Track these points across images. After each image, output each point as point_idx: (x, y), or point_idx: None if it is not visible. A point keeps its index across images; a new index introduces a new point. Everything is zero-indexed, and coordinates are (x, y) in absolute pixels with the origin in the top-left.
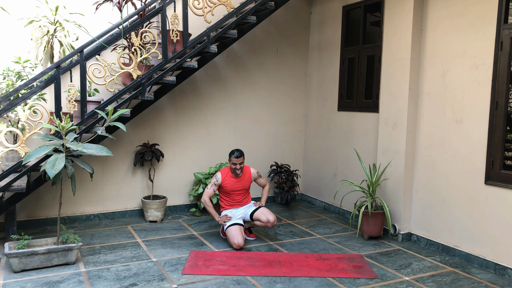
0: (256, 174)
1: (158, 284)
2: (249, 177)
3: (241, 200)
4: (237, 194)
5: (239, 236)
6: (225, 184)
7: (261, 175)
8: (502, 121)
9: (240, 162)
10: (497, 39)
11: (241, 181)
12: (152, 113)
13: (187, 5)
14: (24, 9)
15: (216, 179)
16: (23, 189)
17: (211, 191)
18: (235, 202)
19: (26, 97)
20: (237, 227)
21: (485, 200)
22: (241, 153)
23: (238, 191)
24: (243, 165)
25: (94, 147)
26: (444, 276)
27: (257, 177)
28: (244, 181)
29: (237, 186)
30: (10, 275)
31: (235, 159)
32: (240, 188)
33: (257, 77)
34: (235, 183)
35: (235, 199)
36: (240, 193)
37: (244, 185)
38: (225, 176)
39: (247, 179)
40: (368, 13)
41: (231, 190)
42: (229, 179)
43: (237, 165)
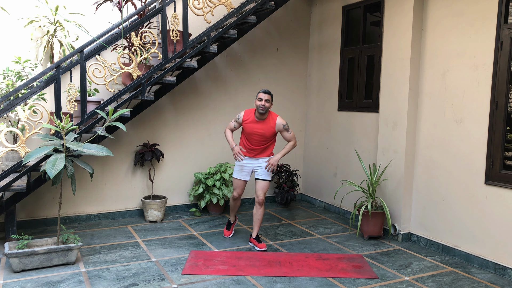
0: (282, 125)
1: (158, 284)
2: (273, 125)
3: (259, 150)
4: (256, 141)
5: (239, 189)
6: (245, 124)
7: (289, 129)
8: (502, 121)
9: (266, 99)
10: (497, 39)
11: (262, 126)
12: (152, 113)
13: (187, 5)
14: (24, 9)
15: (238, 116)
16: (23, 189)
17: (232, 125)
18: (252, 149)
19: (26, 97)
20: (242, 181)
21: (485, 200)
22: (270, 93)
23: (257, 136)
24: (269, 106)
25: (94, 147)
26: (444, 276)
27: (282, 129)
28: (266, 127)
29: (257, 130)
30: (10, 275)
31: (262, 94)
32: (259, 133)
33: (257, 77)
34: (255, 125)
35: (253, 146)
36: (259, 140)
37: (264, 131)
38: (248, 116)
39: (270, 126)
40: (368, 13)
41: (249, 132)
42: (250, 120)
43: (263, 101)
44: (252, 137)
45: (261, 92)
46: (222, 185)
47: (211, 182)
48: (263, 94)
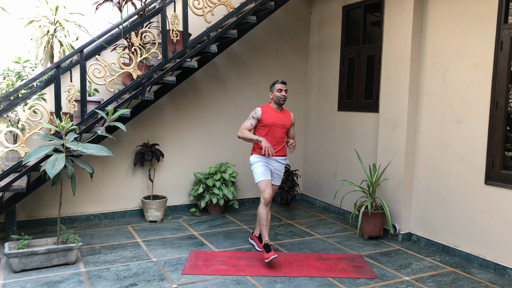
0: (294, 120)
1: (158, 284)
2: (289, 116)
3: (281, 146)
4: (278, 133)
5: (269, 189)
6: (265, 116)
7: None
8: (502, 121)
9: (285, 89)
10: (497, 39)
11: (283, 116)
12: (152, 113)
13: (187, 5)
14: (24, 9)
15: (255, 111)
16: (23, 189)
17: (248, 124)
18: (275, 140)
19: (26, 97)
20: (268, 181)
21: (485, 200)
22: (286, 83)
23: (279, 128)
24: (286, 96)
25: (94, 147)
26: (444, 276)
27: (293, 124)
28: (286, 117)
29: (279, 120)
30: (10, 275)
31: (280, 85)
32: (281, 123)
33: (257, 77)
34: (276, 115)
35: (275, 136)
36: (281, 132)
37: (286, 122)
38: (266, 108)
39: (287, 117)
40: (368, 13)
41: (272, 123)
42: (270, 112)
43: (283, 91)
44: (275, 130)
45: (278, 83)
46: (222, 185)
47: (211, 182)
48: (282, 84)
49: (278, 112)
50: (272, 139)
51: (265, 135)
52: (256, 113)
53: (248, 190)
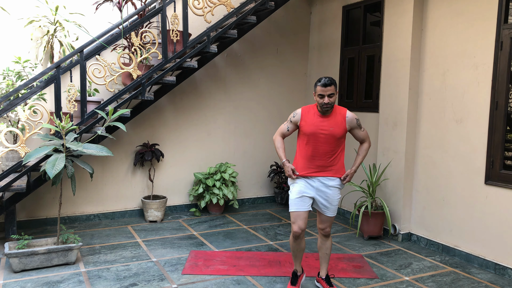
0: (355, 120)
1: (158, 284)
2: (342, 120)
3: (326, 164)
4: (322, 147)
5: (301, 221)
6: (304, 122)
7: (362, 125)
8: (502, 121)
9: (329, 94)
10: (497, 39)
11: (330, 122)
12: (152, 113)
13: (187, 5)
14: (24, 9)
15: (294, 114)
16: (23, 189)
17: (284, 127)
18: (318, 155)
19: (26, 97)
20: (300, 213)
21: (485, 200)
22: (332, 81)
23: (323, 138)
24: (334, 100)
25: (94, 147)
26: (444, 276)
27: (355, 126)
28: (334, 123)
29: (323, 128)
30: (10, 275)
31: (321, 89)
32: (326, 132)
33: (257, 77)
34: (319, 122)
35: (318, 150)
36: (327, 144)
37: (334, 130)
38: (308, 111)
39: (339, 122)
40: (368, 13)
41: (312, 132)
42: (312, 116)
43: (325, 97)
44: (318, 142)
45: (319, 86)
46: (222, 185)
47: (211, 182)
48: (324, 88)
49: (324, 118)
50: (313, 153)
51: (305, 146)
52: (295, 116)
53: (248, 190)
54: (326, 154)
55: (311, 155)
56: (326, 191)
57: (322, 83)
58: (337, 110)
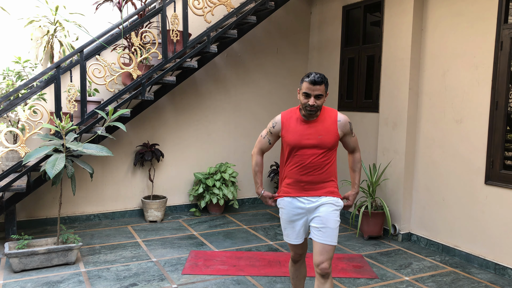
0: (347, 124)
1: (158, 284)
2: (332, 125)
3: (317, 180)
4: (310, 159)
5: (298, 249)
6: (286, 131)
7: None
8: (502, 121)
9: (317, 94)
10: (497, 39)
11: (317, 128)
12: (152, 113)
13: (187, 5)
14: (24, 9)
15: (273, 123)
16: (23, 189)
17: (264, 141)
18: (306, 181)
19: (26, 97)
20: (294, 245)
21: (485, 200)
22: (323, 79)
23: (311, 148)
24: (321, 103)
25: (94, 147)
26: (444, 276)
27: (348, 132)
28: (323, 128)
29: (309, 138)
30: (10, 275)
31: (309, 86)
32: (313, 142)
33: (257, 77)
34: (304, 129)
35: (306, 173)
36: (316, 155)
37: (322, 136)
38: (289, 117)
39: (329, 127)
40: (368, 13)
41: (296, 142)
42: (294, 123)
43: (311, 98)
44: (304, 154)
45: (306, 82)
46: (222, 185)
47: (211, 182)
48: (311, 86)
49: (310, 123)
50: (300, 168)
51: (290, 160)
52: (275, 126)
53: (248, 190)
54: (316, 168)
55: (298, 170)
56: (319, 208)
57: (310, 79)
58: (325, 113)
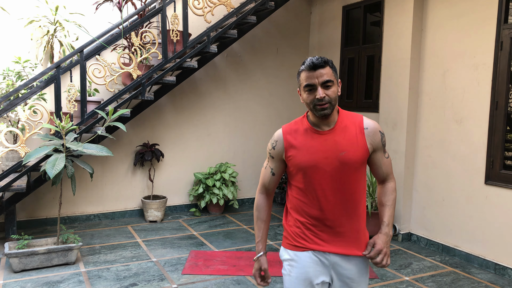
0: (378, 134)
1: (158, 284)
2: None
3: (342, 212)
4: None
5: None
6: (294, 150)
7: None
8: (502, 121)
9: (324, 81)
10: (497, 39)
11: (335, 141)
12: (152, 113)
13: (187, 5)
14: (24, 9)
15: (273, 142)
16: (23, 189)
17: (266, 173)
18: (324, 214)
19: (26, 97)
20: None
21: (485, 200)
22: (325, 61)
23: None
24: (334, 94)
25: (94, 147)
26: (444, 276)
27: (379, 146)
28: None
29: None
30: (10, 275)
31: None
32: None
33: (257, 77)
34: (319, 145)
35: (325, 204)
36: (338, 177)
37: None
38: (293, 130)
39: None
40: (368, 13)
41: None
42: (302, 135)
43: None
44: (322, 179)
45: (304, 71)
46: (222, 185)
47: (211, 182)
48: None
49: (325, 134)
50: (317, 204)
51: (301, 191)
52: (275, 145)
53: (248, 190)
54: (342, 201)
55: (314, 207)
56: (348, 270)
57: (307, 64)
58: (346, 118)
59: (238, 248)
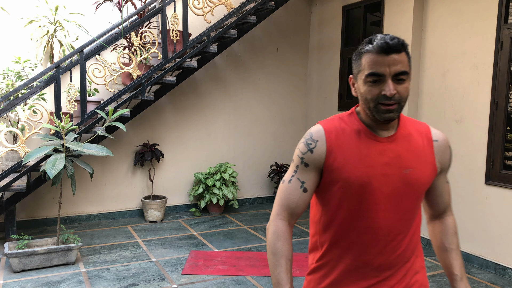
0: (447, 151)
1: (158, 284)
2: (426, 145)
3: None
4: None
5: None
6: (338, 159)
7: None
8: (502, 121)
9: (398, 72)
10: (497, 39)
11: (398, 152)
12: (152, 113)
13: (187, 5)
14: (24, 9)
15: (308, 141)
16: (23, 189)
17: (292, 189)
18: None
19: (26, 97)
20: None
21: (485, 200)
22: (403, 44)
23: (388, 189)
24: (407, 90)
25: (94, 147)
26: (444, 276)
27: (446, 166)
28: (409, 153)
29: (384, 169)
30: (10, 275)
31: (378, 57)
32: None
33: (257, 77)
34: (375, 156)
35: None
36: (396, 202)
37: (411, 169)
38: (339, 130)
39: (421, 150)
40: (368, 13)
41: (359, 179)
42: (352, 141)
43: (388, 82)
44: (375, 203)
45: (371, 52)
46: (222, 185)
47: (211, 182)
48: (383, 56)
49: (384, 141)
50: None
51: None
52: (312, 146)
53: (248, 190)
54: (397, 236)
55: (357, 243)
56: None
57: (378, 45)
58: (410, 125)
59: (238, 248)
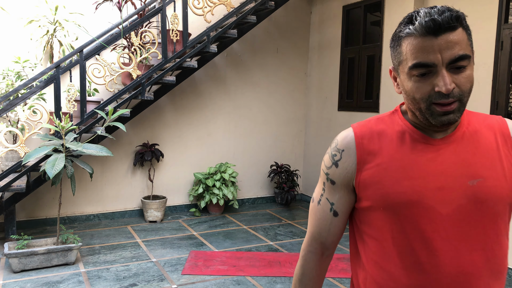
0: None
1: (158, 284)
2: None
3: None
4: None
5: None
6: (373, 171)
7: None
8: None
9: (454, 57)
10: (498, 39)
11: (458, 157)
12: (152, 113)
13: (187, 5)
14: (24, 9)
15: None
16: (23, 189)
17: (321, 211)
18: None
19: (26, 97)
20: None
21: None
22: (458, 19)
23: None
24: (467, 86)
25: (94, 147)
26: None
27: None
28: (476, 158)
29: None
30: (10, 275)
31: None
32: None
33: (257, 77)
34: (427, 165)
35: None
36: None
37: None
38: (375, 134)
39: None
40: (368, 13)
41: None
42: (390, 148)
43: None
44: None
45: (415, 35)
46: (222, 185)
47: (211, 182)
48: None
49: (439, 143)
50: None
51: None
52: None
53: (248, 190)
54: (469, 275)
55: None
56: None
57: (423, 23)
58: (474, 118)
59: (238, 248)
